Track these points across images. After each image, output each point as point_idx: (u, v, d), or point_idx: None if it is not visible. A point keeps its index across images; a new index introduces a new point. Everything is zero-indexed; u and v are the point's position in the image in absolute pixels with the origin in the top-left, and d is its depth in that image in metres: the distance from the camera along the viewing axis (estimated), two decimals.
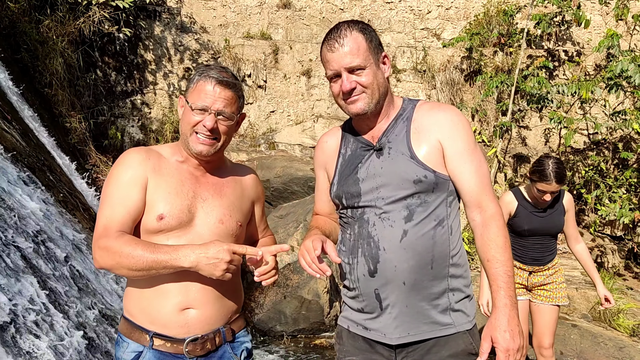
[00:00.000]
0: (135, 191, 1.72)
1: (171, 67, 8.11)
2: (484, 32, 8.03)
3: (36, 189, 3.91)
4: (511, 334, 1.57)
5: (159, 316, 1.71)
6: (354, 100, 1.72)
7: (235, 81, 1.78)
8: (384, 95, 1.76)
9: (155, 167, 1.77)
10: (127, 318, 1.78)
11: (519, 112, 8.03)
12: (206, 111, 1.72)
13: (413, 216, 1.67)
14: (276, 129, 8.35)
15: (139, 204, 1.71)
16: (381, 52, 1.76)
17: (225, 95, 1.74)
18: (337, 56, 1.69)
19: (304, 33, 8.57)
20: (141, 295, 1.74)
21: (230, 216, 1.82)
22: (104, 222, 1.69)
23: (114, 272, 1.67)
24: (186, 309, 1.72)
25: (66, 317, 3.04)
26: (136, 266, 1.59)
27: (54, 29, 6.62)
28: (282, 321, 5.01)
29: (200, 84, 1.74)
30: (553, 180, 3.15)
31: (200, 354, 1.74)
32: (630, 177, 7.29)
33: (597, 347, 4.52)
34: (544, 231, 3.34)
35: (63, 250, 3.60)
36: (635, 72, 6.17)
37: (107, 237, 1.64)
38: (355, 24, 1.73)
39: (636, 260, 7.50)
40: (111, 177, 1.76)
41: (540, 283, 3.40)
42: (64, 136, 6.45)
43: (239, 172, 1.97)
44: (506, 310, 1.59)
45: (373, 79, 1.71)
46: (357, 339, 1.79)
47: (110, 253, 1.61)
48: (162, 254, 1.60)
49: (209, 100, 1.72)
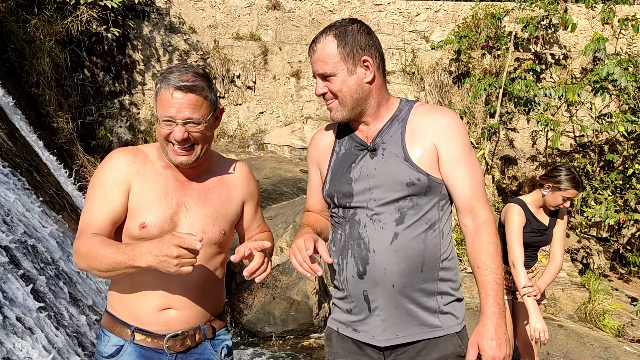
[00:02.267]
0: (116, 194, 1.68)
1: (160, 67, 8.07)
2: (472, 35, 8.09)
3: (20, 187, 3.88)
4: (497, 342, 1.59)
5: (140, 314, 1.73)
6: (329, 107, 1.75)
7: (196, 82, 1.65)
8: (361, 100, 1.71)
9: (141, 170, 1.73)
10: (110, 312, 1.79)
11: (506, 115, 8.10)
12: (173, 122, 1.63)
13: (404, 219, 1.66)
14: (265, 130, 8.35)
15: (119, 208, 1.68)
16: (360, 57, 1.69)
17: (189, 100, 1.63)
18: (312, 61, 1.72)
19: (294, 34, 8.57)
20: (123, 294, 1.75)
21: (214, 225, 1.78)
22: (82, 225, 1.68)
23: (91, 273, 1.67)
24: (166, 309, 1.73)
25: (51, 316, 3.01)
26: (102, 267, 1.58)
27: (42, 29, 6.56)
28: (270, 322, 5.00)
29: (162, 94, 1.64)
30: (580, 186, 3.30)
31: (180, 350, 1.75)
32: (616, 179, 7.39)
33: (583, 348, 4.57)
34: (540, 245, 3.44)
35: (48, 249, 3.58)
36: (620, 76, 6.26)
37: (80, 239, 1.63)
38: (334, 28, 1.70)
39: (621, 261, 7.59)
40: (94, 179, 1.73)
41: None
42: (51, 136, 6.39)
43: (226, 172, 1.89)
44: (494, 319, 1.61)
45: (342, 86, 1.68)
46: (347, 341, 1.79)
47: (80, 255, 1.61)
48: (122, 254, 1.55)
49: (173, 110, 1.62)
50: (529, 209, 3.36)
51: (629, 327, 5.43)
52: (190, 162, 1.71)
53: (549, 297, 5.48)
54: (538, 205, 3.38)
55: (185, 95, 1.62)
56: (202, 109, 1.67)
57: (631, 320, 5.54)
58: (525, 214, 3.32)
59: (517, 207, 3.33)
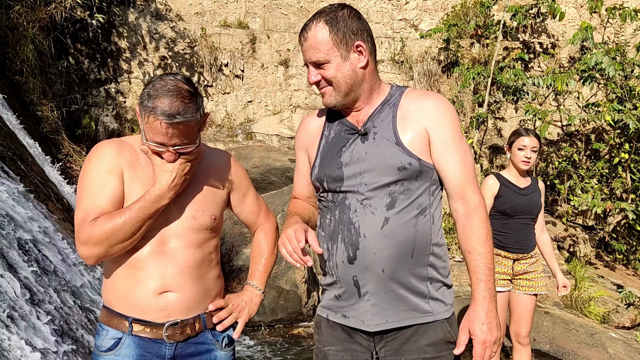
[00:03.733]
0: (113, 180, 1.68)
1: (146, 55, 7.97)
2: (461, 23, 8.09)
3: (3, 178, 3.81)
4: (489, 326, 1.59)
5: (137, 302, 1.70)
6: (322, 93, 1.73)
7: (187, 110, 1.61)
8: (355, 85, 1.71)
9: (129, 160, 1.72)
10: (107, 307, 1.76)
11: (495, 104, 8.12)
12: (163, 146, 1.64)
13: (395, 204, 1.66)
14: (254, 119, 8.30)
15: (118, 193, 1.68)
16: (353, 42, 1.68)
17: (180, 131, 1.61)
18: (303, 49, 1.70)
19: (282, 22, 8.50)
20: (117, 283, 1.72)
21: (203, 211, 1.79)
22: (82, 216, 1.64)
23: (109, 256, 1.64)
24: (164, 292, 1.71)
25: (37, 307, 2.98)
26: (128, 233, 1.60)
27: (25, 15, 6.43)
28: (259, 311, 5.00)
29: (151, 120, 1.59)
30: (530, 133, 3.39)
31: (180, 339, 1.73)
32: (602, 168, 7.46)
33: (569, 334, 4.62)
34: (527, 209, 3.45)
35: (31, 236, 3.53)
36: (608, 65, 6.28)
37: (85, 229, 1.61)
38: (327, 13, 1.67)
39: (607, 249, 7.68)
40: (86, 170, 1.70)
41: (523, 271, 3.47)
42: (36, 125, 6.30)
43: (213, 161, 1.90)
44: (485, 303, 1.61)
45: (336, 73, 1.67)
46: (336, 329, 1.78)
47: (95, 240, 1.59)
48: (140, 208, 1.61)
49: (164, 139, 1.62)
50: (503, 176, 3.52)
51: (614, 313, 5.50)
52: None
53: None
54: (513, 173, 3.51)
55: (176, 127, 1.60)
56: (192, 134, 1.67)
57: (616, 307, 5.62)
58: (498, 179, 3.48)
59: (487, 179, 3.52)
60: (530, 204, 3.45)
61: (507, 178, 3.50)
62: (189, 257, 1.74)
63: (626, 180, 7.29)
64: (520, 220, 3.44)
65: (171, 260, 1.70)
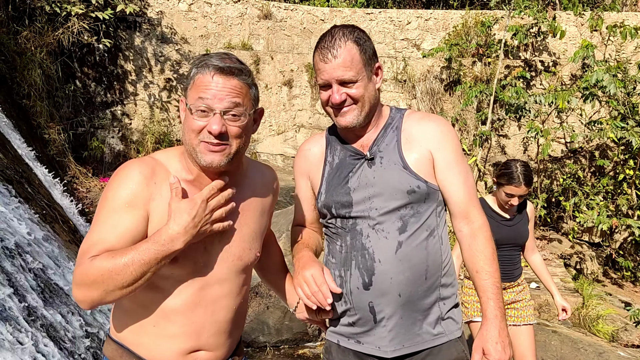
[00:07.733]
0: (132, 215, 1.39)
1: (152, 77, 8.07)
2: (463, 42, 8.16)
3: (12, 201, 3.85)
4: (502, 345, 1.60)
5: (162, 355, 1.48)
6: (343, 112, 1.67)
7: (241, 66, 1.44)
8: (374, 107, 1.72)
9: (162, 191, 1.43)
10: (119, 342, 1.50)
11: (498, 121, 8.14)
12: (210, 112, 1.39)
13: (407, 227, 1.66)
14: (258, 139, 8.35)
15: (135, 232, 1.39)
16: (375, 63, 1.69)
17: (231, 85, 1.39)
18: (329, 67, 1.63)
19: (285, 43, 8.60)
20: (144, 328, 1.47)
21: (250, 249, 1.57)
22: (85, 248, 1.37)
23: (107, 302, 1.35)
24: (195, 352, 1.51)
25: (41, 329, 2.99)
26: (127, 279, 1.31)
27: (33, 40, 6.56)
28: (265, 332, 4.98)
29: (199, 79, 1.39)
30: (522, 182, 3.08)
31: None
32: (607, 184, 7.44)
33: (577, 353, 4.57)
34: (512, 241, 3.26)
35: (40, 261, 3.55)
36: (609, 82, 6.31)
37: (81, 265, 1.34)
38: (351, 32, 1.65)
39: (614, 266, 7.62)
40: (106, 196, 1.42)
41: (511, 300, 3.31)
42: (43, 148, 6.36)
43: (259, 180, 1.67)
44: (497, 322, 1.62)
45: (364, 92, 1.65)
46: (348, 353, 1.76)
47: (89, 282, 1.32)
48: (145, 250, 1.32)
49: (211, 96, 1.38)
50: (488, 204, 3.26)
51: (622, 332, 5.44)
52: (222, 164, 1.44)
53: (542, 303, 5.50)
54: (498, 203, 3.26)
55: (228, 80, 1.39)
56: (244, 100, 1.43)
57: (625, 325, 5.56)
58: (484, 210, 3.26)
59: None
60: (515, 235, 3.25)
61: (492, 207, 3.27)
62: (230, 308, 1.54)
63: (631, 197, 7.27)
64: (505, 252, 3.22)
65: (210, 315, 1.49)
